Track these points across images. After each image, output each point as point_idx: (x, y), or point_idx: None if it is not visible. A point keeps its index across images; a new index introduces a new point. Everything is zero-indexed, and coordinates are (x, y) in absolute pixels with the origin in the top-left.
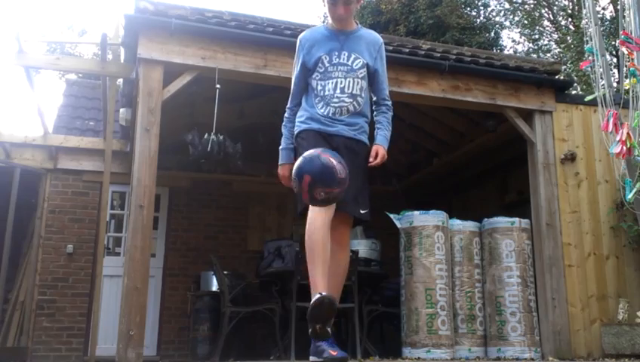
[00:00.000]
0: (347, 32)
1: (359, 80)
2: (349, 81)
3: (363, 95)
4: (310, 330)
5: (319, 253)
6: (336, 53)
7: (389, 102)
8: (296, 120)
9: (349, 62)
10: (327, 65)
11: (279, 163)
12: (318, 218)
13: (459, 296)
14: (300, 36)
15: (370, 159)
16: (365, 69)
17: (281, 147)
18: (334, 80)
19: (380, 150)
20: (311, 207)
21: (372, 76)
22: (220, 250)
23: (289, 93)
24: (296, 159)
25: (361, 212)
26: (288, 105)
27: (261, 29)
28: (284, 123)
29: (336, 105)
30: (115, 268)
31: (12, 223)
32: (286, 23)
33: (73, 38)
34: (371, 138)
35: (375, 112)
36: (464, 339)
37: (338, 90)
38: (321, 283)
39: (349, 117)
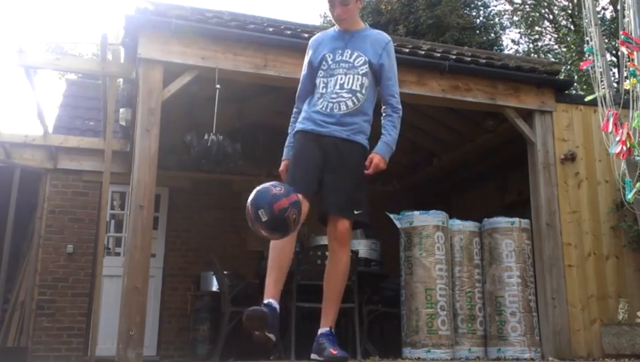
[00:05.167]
0: (352, 31)
1: (359, 76)
2: (349, 78)
3: (364, 92)
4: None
5: (274, 257)
6: (340, 52)
7: (396, 102)
8: (297, 120)
9: (351, 60)
10: (330, 63)
11: (282, 158)
12: None
13: (459, 296)
14: (311, 39)
15: (366, 169)
16: (367, 66)
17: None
18: (336, 77)
19: (375, 158)
20: None
21: (377, 72)
22: (219, 250)
23: (289, 92)
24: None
25: (355, 212)
26: (294, 106)
27: (261, 29)
28: (290, 121)
29: (334, 100)
30: (115, 268)
31: (12, 223)
32: (286, 23)
33: (74, 38)
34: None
35: (382, 114)
36: (464, 339)
37: (338, 87)
38: (272, 290)
39: (345, 115)
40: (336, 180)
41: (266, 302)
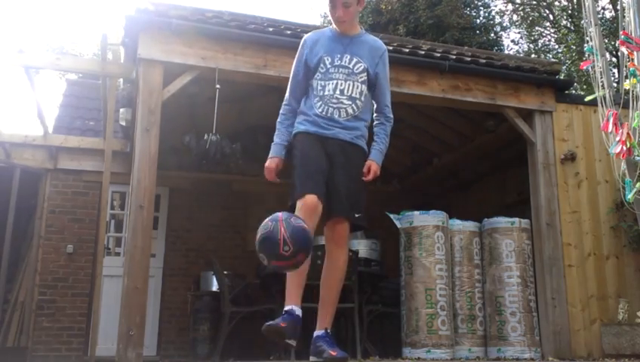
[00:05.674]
0: (351, 35)
1: (359, 84)
2: (349, 84)
3: (362, 99)
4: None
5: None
6: (339, 56)
7: (389, 111)
8: (296, 121)
9: (351, 66)
10: (328, 66)
11: (269, 156)
12: None
13: (459, 296)
14: (305, 36)
15: (364, 176)
16: (366, 74)
17: (273, 142)
18: (335, 81)
19: (372, 165)
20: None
21: (373, 82)
22: (219, 250)
23: None
24: (290, 158)
25: (356, 215)
26: (284, 102)
27: (261, 29)
28: (279, 118)
29: (335, 105)
30: (115, 268)
31: (12, 223)
32: (286, 23)
33: (74, 38)
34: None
35: (375, 122)
36: (464, 339)
37: (338, 92)
38: (293, 296)
39: (347, 120)
40: (341, 182)
41: (287, 309)
